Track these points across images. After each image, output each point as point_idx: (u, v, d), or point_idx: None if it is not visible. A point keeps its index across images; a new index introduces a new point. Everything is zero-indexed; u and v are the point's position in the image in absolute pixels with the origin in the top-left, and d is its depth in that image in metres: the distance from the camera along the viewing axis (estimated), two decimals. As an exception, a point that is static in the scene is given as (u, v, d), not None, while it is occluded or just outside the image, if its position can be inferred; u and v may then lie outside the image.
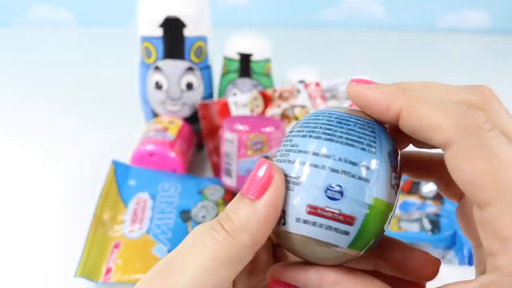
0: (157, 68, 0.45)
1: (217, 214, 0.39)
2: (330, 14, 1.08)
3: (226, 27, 0.59)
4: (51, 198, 0.43)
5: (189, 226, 0.38)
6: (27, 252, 0.37)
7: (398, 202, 0.40)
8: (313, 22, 1.08)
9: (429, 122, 0.15)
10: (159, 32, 0.43)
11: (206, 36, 0.46)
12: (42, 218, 0.41)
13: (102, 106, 0.63)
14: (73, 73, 0.75)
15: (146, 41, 0.44)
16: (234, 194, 0.31)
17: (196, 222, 0.38)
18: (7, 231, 0.39)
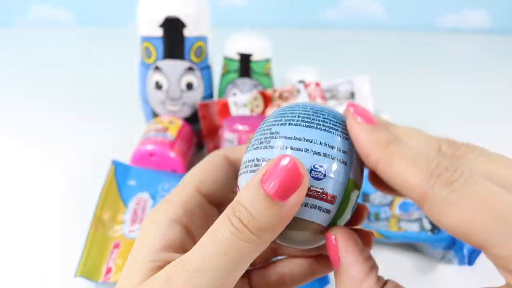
0: (157, 68, 0.45)
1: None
2: (330, 14, 1.08)
3: (226, 27, 0.59)
4: (51, 198, 0.43)
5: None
6: (27, 252, 0.37)
7: (398, 202, 0.40)
8: (313, 22, 1.08)
9: (402, 180, 0.15)
10: (159, 32, 0.43)
11: (206, 36, 0.46)
12: (42, 218, 0.41)
13: (102, 106, 0.63)
14: (73, 73, 0.75)
15: (146, 41, 0.44)
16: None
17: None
18: (7, 231, 0.39)
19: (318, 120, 0.18)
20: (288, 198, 0.16)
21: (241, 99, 0.48)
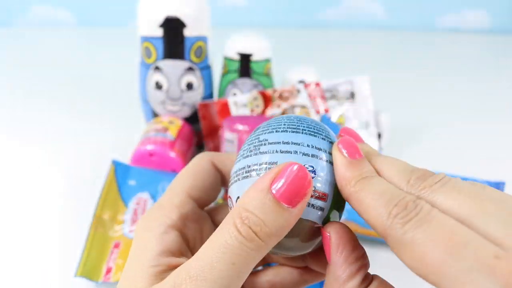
0: (157, 68, 0.45)
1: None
2: (330, 14, 1.08)
3: (226, 27, 0.59)
4: (51, 198, 0.43)
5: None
6: (27, 252, 0.37)
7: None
8: (313, 22, 1.08)
9: (367, 218, 0.16)
10: (159, 32, 0.43)
11: (206, 36, 0.46)
12: (42, 218, 0.41)
13: (102, 106, 0.63)
14: (73, 73, 0.75)
15: (146, 41, 0.44)
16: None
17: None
18: (7, 231, 0.39)
19: (303, 126, 0.19)
20: (297, 203, 0.16)
21: (241, 99, 0.48)
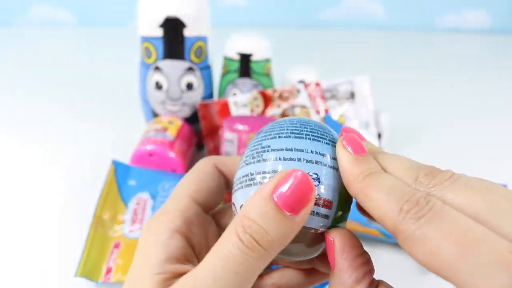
0: (157, 68, 0.45)
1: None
2: (330, 14, 1.08)
3: (226, 27, 0.59)
4: (51, 198, 0.43)
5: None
6: (27, 252, 0.37)
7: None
8: (313, 22, 1.08)
9: (376, 214, 0.16)
10: (159, 32, 0.43)
11: (206, 36, 0.46)
12: (42, 218, 0.41)
13: (102, 106, 0.63)
14: (73, 73, 0.75)
15: (146, 41, 0.44)
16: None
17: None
18: (7, 231, 0.39)
19: (306, 131, 0.18)
20: (299, 211, 0.16)
21: (241, 99, 0.48)
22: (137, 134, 0.49)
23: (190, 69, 0.45)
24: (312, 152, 0.17)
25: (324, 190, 0.17)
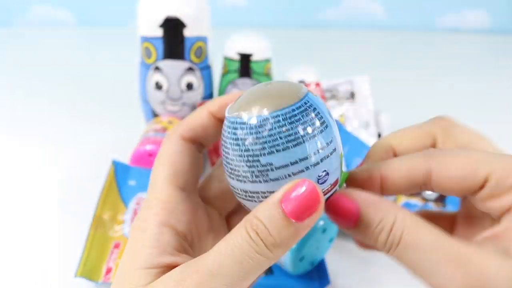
0: (157, 68, 0.45)
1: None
2: (330, 14, 1.08)
3: (226, 27, 0.59)
4: (51, 198, 0.43)
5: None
6: (27, 252, 0.37)
7: (400, 202, 0.40)
8: (313, 22, 1.08)
9: (464, 173, 0.18)
10: (159, 32, 0.43)
11: (206, 36, 0.46)
12: (42, 218, 0.41)
13: (102, 106, 0.63)
14: (73, 73, 0.75)
15: (146, 41, 0.44)
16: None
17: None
18: (7, 231, 0.39)
19: (298, 130, 0.17)
20: (304, 219, 0.16)
21: (241, 99, 0.48)
22: (137, 134, 0.49)
23: (190, 69, 0.45)
24: (315, 152, 0.17)
25: (331, 176, 0.18)
